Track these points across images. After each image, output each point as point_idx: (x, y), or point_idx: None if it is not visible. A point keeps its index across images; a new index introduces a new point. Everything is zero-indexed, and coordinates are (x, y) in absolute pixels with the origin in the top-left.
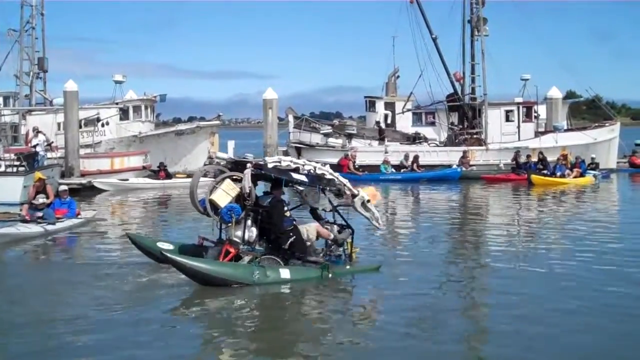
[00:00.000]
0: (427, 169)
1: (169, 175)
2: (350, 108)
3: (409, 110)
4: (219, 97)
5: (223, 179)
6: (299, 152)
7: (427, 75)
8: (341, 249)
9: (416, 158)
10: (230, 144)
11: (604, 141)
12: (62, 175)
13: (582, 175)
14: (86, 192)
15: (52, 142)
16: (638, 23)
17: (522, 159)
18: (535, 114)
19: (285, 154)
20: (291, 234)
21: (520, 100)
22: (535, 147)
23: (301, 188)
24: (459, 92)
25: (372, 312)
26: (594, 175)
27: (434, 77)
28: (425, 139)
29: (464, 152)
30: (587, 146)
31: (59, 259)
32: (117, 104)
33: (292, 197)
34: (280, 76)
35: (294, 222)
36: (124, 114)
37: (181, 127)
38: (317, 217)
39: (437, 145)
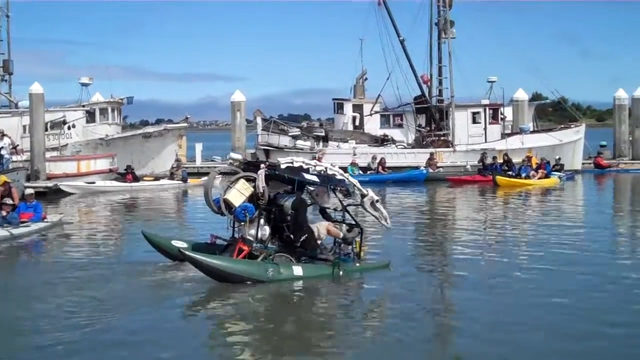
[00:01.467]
0: (394, 170)
1: (136, 178)
2: (319, 110)
3: (377, 112)
4: (186, 99)
5: (237, 179)
6: (267, 154)
7: (395, 77)
8: (350, 247)
9: (382, 160)
10: (198, 147)
11: (570, 142)
12: (28, 179)
13: (547, 176)
14: (52, 195)
15: (18, 145)
16: (603, 25)
17: (489, 161)
18: (502, 116)
19: (254, 156)
20: (305, 232)
21: (486, 102)
22: (501, 149)
23: (312, 188)
24: (427, 94)
25: (382, 309)
26: (559, 177)
27: (401, 80)
28: (393, 141)
29: (431, 154)
30: (552, 148)
31: (45, 260)
32: (83, 106)
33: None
34: (248, 78)
35: (306, 221)
36: (90, 116)
37: (149, 129)
38: (326, 216)
39: (405, 147)
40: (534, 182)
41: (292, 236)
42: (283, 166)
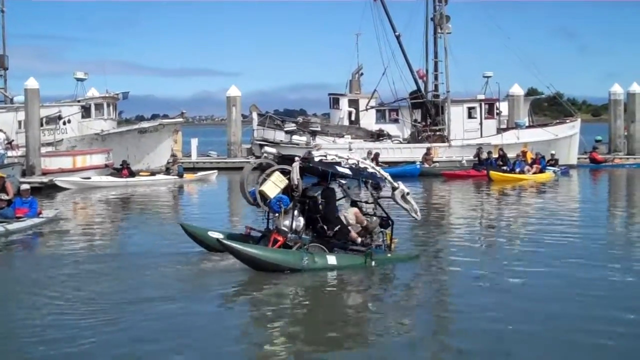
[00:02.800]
0: (388, 165)
1: (132, 174)
2: (315, 105)
3: (372, 107)
4: (182, 94)
5: (272, 172)
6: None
7: (390, 72)
8: (381, 239)
9: (376, 155)
10: (194, 142)
11: (565, 137)
12: (23, 174)
13: (541, 171)
14: (48, 190)
15: (13, 141)
16: (599, 20)
17: (484, 156)
18: (497, 111)
19: (250, 151)
20: (336, 222)
21: (482, 97)
22: (497, 144)
23: (344, 181)
24: (422, 90)
25: (412, 299)
26: (554, 172)
27: (397, 75)
28: (389, 136)
29: (428, 149)
30: (548, 142)
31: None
32: (79, 101)
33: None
34: (244, 73)
35: (338, 213)
36: (85, 111)
37: (144, 124)
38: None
39: (401, 142)
40: (528, 177)
41: (325, 227)
42: (317, 159)
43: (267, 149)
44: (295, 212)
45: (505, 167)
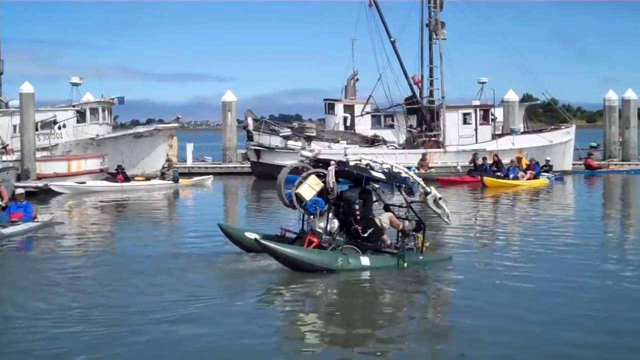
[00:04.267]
0: None
1: (127, 178)
2: (310, 111)
3: (367, 113)
4: (177, 99)
5: (308, 175)
6: (258, 154)
7: (386, 78)
8: (412, 243)
9: None
10: (189, 147)
11: (560, 143)
12: (18, 178)
13: (535, 177)
14: (43, 195)
15: (8, 145)
16: (594, 26)
17: (480, 162)
18: (492, 117)
19: (245, 157)
20: (371, 225)
21: (477, 103)
22: (492, 150)
23: (377, 185)
24: (417, 95)
25: (443, 300)
26: (548, 178)
27: (392, 80)
28: (384, 142)
29: (423, 154)
30: (543, 149)
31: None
32: (74, 106)
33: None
34: (239, 79)
35: (372, 216)
36: (81, 116)
37: (139, 129)
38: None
39: (396, 148)
40: (522, 183)
41: (359, 229)
42: (352, 163)
43: (304, 152)
44: (330, 215)
45: (499, 173)
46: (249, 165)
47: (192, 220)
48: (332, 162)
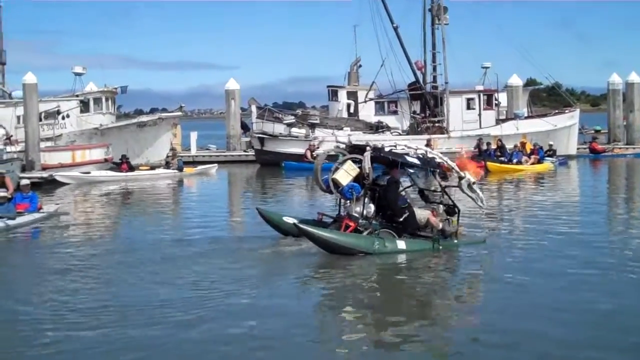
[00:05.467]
0: None
1: (131, 168)
2: (313, 98)
3: (371, 99)
4: (181, 88)
5: (345, 161)
6: (262, 142)
7: (388, 64)
8: (449, 225)
9: None
10: (193, 135)
11: (564, 128)
12: (23, 169)
13: (539, 162)
14: (47, 185)
15: (12, 136)
16: (598, 9)
17: (484, 147)
18: (496, 102)
19: (249, 144)
20: (406, 210)
21: (481, 88)
22: (496, 135)
23: (412, 170)
24: (421, 81)
25: (479, 284)
26: (552, 162)
27: (395, 66)
28: (388, 128)
29: (427, 140)
30: (547, 133)
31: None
32: (77, 96)
33: (402, 179)
34: (242, 67)
35: (408, 201)
36: (84, 106)
37: (143, 118)
38: (424, 197)
39: (400, 134)
40: (526, 168)
41: (394, 214)
42: (387, 149)
43: (339, 138)
44: (366, 199)
45: (502, 158)
46: (253, 153)
47: (201, 208)
48: (368, 148)
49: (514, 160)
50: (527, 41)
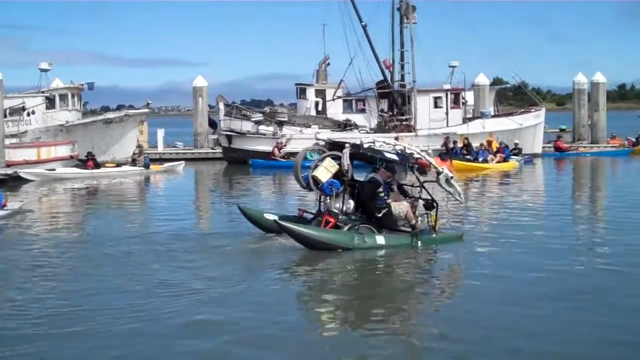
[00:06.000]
0: None
1: (97, 165)
2: (281, 95)
3: (339, 97)
4: (148, 84)
5: (324, 158)
6: (229, 140)
7: (357, 62)
8: (426, 221)
9: None
10: (160, 133)
11: (530, 127)
12: None
13: (505, 160)
14: (12, 182)
15: None
16: (565, 9)
17: (451, 145)
18: (463, 101)
19: (216, 142)
20: (384, 207)
21: (448, 87)
22: (463, 133)
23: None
24: (389, 79)
25: (457, 277)
26: (517, 160)
27: (364, 65)
28: (356, 126)
29: (396, 138)
30: (513, 132)
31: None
32: (43, 92)
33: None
34: (210, 63)
35: (387, 202)
36: (50, 102)
37: (109, 115)
38: (404, 192)
39: (368, 132)
40: (491, 166)
41: (373, 210)
42: (366, 145)
43: (319, 135)
44: (346, 196)
45: (469, 157)
46: (221, 151)
47: (168, 205)
48: (347, 145)
49: (480, 159)
50: (494, 40)
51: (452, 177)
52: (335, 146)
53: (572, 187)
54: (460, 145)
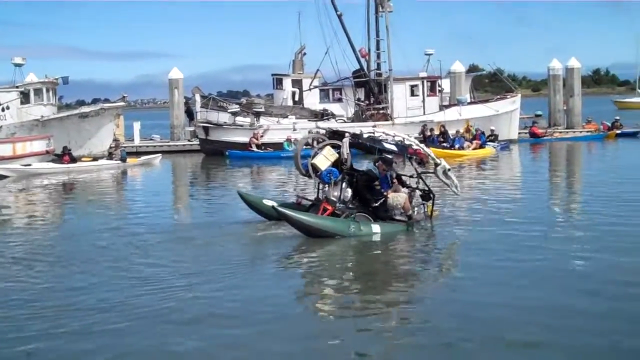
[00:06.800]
0: None
1: (73, 159)
2: (258, 86)
3: (316, 87)
4: (123, 77)
5: (324, 146)
6: (206, 131)
7: (333, 52)
8: (422, 211)
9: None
10: (136, 126)
11: (506, 113)
12: None
13: (481, 147)
14: None
15: None
16: None
17: (429, 133)
18: (439, 88)
19: (193, 134)
20: (381, 196)
21: (424, 75)
22: (439, 121)
23: (389, 157)
24: (365, 68)
25: (451, 265)
26: (494, 147)
27: (340, 54)
28: (333, 115)
29: (374, 127)
30: (489, 118)
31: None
32: (17, 87)
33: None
34: (186, 55)
35: (384, 193)
36: (24, 97)
37: (85, 109)
38: (402, 183)
39: (345, 121)
40: (468, 153)
41: (369, 199)
42: (365, 135)
43: (320, 124)
44: (344, 184)
45: (445, 144)
46: (198, 143)
47: (145, 198)
48: (347, 134)
49: (457, 146)
50: (470, 28)
51: (449, 169)
52: (335, 135)
53: (549, 171)
54: (437, 132)
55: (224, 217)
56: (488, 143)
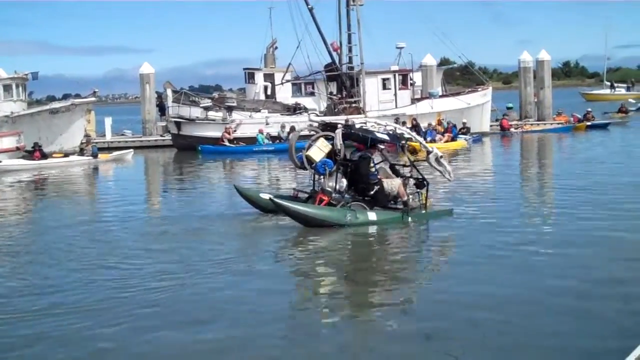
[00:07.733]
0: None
1: (44, 156)
2: (230, 80)
3: (288, 81)
4: (94, 73)
5: (317, 138)
6: (178, 126)
7: (305, 45)
8: (417, 199)
9: (292, 129)
10: (108, 121)
11: (477, 106)
12: None
13: (453, 139)
14: None
15: None
16: None
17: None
18: (411, 82)
19: (165, 129)
20: (376, 185)
21: (396, 68)
22: (412, 114)
23: (382, 146)
24: (337, 62)
25: (448, 250)
26: (466, 139)
27: (312, 48)
28: (306, 109)
29: (346, 120)
30: (461, 111)
31: None
32: None
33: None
34: (157, 50)
35: (379, 177)
36: None
37: (55, 105)
38: (395, 171)
39: (317, 115)
40: (440, 146)
41: (365, 187)
42: (358, 126)
43: (313, 117)
44: (339, 175)
45: None
46: (170, 138)
47: (117, 193)
48: (339, 126)
49: (428, 139)
50: (441, 20)
51: (441, 157)
52: (328, 127)
53: (520, 163)
54: (409, 125)
55: (199, 210)
56: (460, 136)
